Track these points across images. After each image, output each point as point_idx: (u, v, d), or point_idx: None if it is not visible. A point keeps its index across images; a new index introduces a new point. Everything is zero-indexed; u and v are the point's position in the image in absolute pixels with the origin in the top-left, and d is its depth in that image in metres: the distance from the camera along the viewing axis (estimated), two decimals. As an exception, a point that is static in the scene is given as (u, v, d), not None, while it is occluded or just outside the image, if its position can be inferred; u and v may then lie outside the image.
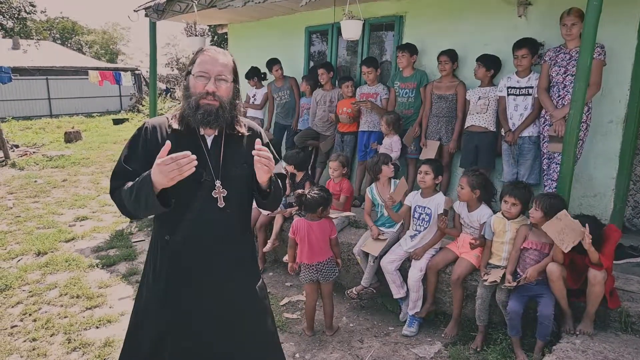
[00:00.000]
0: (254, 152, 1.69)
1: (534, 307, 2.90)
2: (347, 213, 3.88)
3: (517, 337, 2.93)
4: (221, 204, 1.79)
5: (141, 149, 1.77)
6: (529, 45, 3.79)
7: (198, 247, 1.81)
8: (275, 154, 2.02)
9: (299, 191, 3.35)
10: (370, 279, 3.64)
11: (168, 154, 1.55)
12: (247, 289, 1.95)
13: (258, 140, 1.74)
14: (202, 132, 1.81)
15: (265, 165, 1.70)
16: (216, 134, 1.83)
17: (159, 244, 1.84)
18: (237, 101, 1.83)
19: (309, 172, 4.96)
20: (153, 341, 1.85)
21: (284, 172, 2.01)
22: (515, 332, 2.93)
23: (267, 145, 1.97)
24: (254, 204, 2.00)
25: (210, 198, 1.78)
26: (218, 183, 1.78)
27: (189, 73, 1.78)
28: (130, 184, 1.67)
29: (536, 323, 2.85)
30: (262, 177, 1.75)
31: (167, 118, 1.84)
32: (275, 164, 1.96)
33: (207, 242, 1.81)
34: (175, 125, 1.79)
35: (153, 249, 1.88)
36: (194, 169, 1.54)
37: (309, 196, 3.27)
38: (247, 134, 1.90)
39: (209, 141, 1.82)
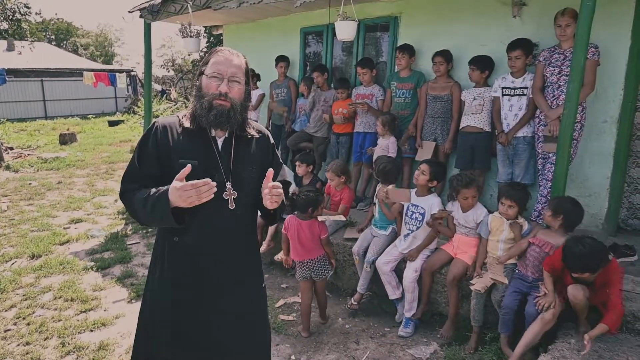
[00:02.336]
0: (265, 192, 1.70)
1: None
2: (338, 217, 3.86)
3: (506, 334, 2.93)
4: (232, 205, 1.78)
5: (151, 149, 1.76)
6: (522, 47, 3.80)
7: (207, 249, 1.80)
8: (279, 158, 2.04)
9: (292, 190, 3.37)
10: (366, 285, 3.64)
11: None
12: (252, 291, 1.96)
13: (270, 172, 1.74)
14: (213, 133, 1.81)
15: (275, 201, 1.71)
16: (226, 135, 1.83)
17: (167, 246, 1.83)
18: (248, 103, 1.84)
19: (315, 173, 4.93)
20: (163, 343, 1.85)
21: (289, 180, 2.01)
22: (505, 330, 2.93)
23: (273, 148, 1.99)
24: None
25: (221, 200, 1.76)
26: (229, 184, 1.78)
27: (201, 73, 1.78)
28: (143, 194, 1.67)
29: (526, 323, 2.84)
30: (270, 206, 1.75)
31: (179, 117, 1.84)
32: (280, 170, 1.97)
33: (217, 244, 1.81)
34: (187, 124, 1.79)
35: (159, 251, 1.87)
36: (212, 195, 1.58)
37: (301, 196, 3.32)
38: (257, 136, 1.90)
39: (219, 142, 1.82)
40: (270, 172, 1.74)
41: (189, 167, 1.60)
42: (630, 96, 3.70)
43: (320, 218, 3.43)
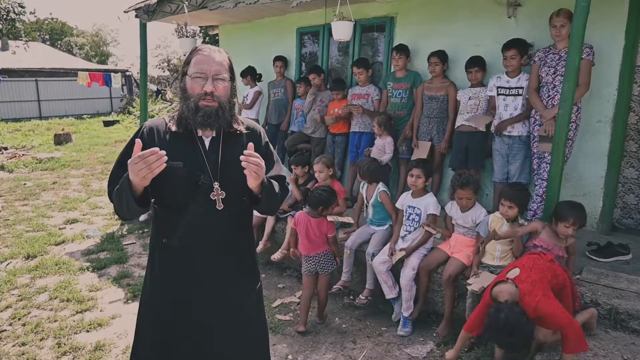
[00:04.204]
0: (242, 157, 1.60)
1: None
2: (347, 219, 3.89)
3: None
4: (220, 206, 1.75)
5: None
6: (517, 46, 3.82)
7: (195, 250, 1.79)
8: (276, 154, 1.99)
9: (308, 186, 3.54)
10: (373, 280, 3.65)
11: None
12: (246, 292, 1.93)
13: (250, 145, 1.66)
14: (199, 133, 1.78)
15: (253, 171, 1.61)
16: (214, 134, 1.80)
17: (157, 247, 1.83)
18: (235, 99, 1.80)
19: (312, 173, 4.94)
20: (158, 344, 1.85)
21: (283, 174, 1.96)
22: None
23: (266, 144, 1.94)
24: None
25: (209, 200, 1.74)
26: (216, 185, 1.75)
27: (184, 74, 1.74)
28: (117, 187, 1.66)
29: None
30: (252, 183, 1.67)
31: (165, 119, 1.81)
32: (275, 165, 1.94)
33: (205, 245, 1.79)
34: (174, 128, 1.76)
35: (151, 252, 1.87)
36: (164, 164, 1.50)
37: (315, 193, 3.45)
38: (245, 132, 1.85)
39: (206, 142, 1.79)
40: (251, 145, 1.66)
41: (139, 143, 1.52)
42: (624, 96, 3.73)
43: (329, 218, 3.51)
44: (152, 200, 1.76)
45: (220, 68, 1.71)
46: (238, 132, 1.83)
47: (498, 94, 3.99)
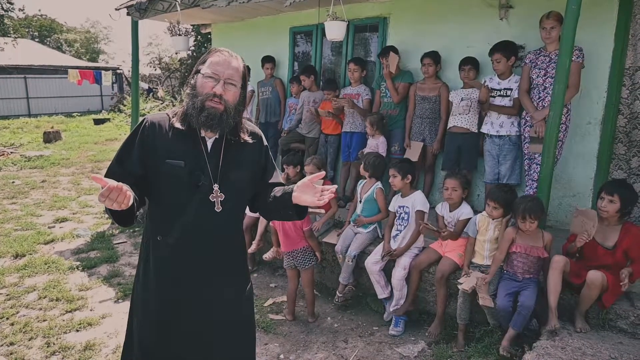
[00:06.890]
0: (325, 192, 1.71)
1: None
2: (318, 211, 3.90)
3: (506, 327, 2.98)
4: (218, 207, 1.76)
5: (137, 148, 1.74)
6: (501, 50, 3.85)
7: (190, 249, 1.79)
8: (273, 160, 2.01)
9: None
10: (348, 277, 3.69)
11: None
12: (238, 292, 1.94)
13: (322, 173, 1.76)
14: (202, 133, 1.77)
15: (320, 200, 1.71)
16: (217, 137, 1.80)
17: (151, 244, 1.82)
18: (242, 108, 1.80)
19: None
20: (149, 342, 1.84)
21: (282, 181, 2.00)
22: (504, 324, 3.00)
23: (266, 150, 1.96)
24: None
25: (207, 201, 1.75)
26: (216, 187, 1.75)
27: (197, 72, 1.74)
28: None
29: (516, 314, 2.87)
30: (307, 201, 1.74)
31: (169, 115, 1.80)
32: (274, 172, 1.97)
33: (200, 245, 1.79)
34: (178, 125, 1.75)
35: (144, 249, 1.86)
36: (129, 194, 1.47)
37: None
38: (250, 141, 1.85)
39: (209, 144, 1.79)
40: (323, 173, 1.77)
41: (98, 179, 1.45)
42: (613, 98, 3.77)
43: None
44: (150, 199, 1.77)
45: (234, 73, 1.72)
46: (242, 141, 1.83)
47: (490, 95, 4.01)
